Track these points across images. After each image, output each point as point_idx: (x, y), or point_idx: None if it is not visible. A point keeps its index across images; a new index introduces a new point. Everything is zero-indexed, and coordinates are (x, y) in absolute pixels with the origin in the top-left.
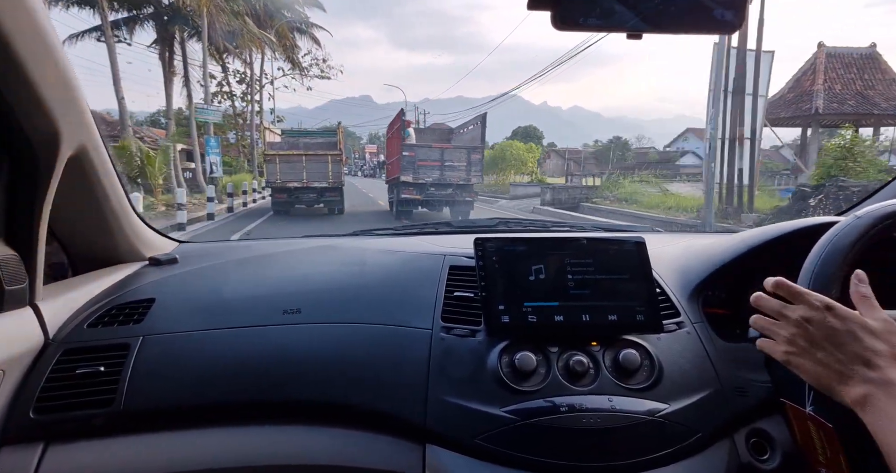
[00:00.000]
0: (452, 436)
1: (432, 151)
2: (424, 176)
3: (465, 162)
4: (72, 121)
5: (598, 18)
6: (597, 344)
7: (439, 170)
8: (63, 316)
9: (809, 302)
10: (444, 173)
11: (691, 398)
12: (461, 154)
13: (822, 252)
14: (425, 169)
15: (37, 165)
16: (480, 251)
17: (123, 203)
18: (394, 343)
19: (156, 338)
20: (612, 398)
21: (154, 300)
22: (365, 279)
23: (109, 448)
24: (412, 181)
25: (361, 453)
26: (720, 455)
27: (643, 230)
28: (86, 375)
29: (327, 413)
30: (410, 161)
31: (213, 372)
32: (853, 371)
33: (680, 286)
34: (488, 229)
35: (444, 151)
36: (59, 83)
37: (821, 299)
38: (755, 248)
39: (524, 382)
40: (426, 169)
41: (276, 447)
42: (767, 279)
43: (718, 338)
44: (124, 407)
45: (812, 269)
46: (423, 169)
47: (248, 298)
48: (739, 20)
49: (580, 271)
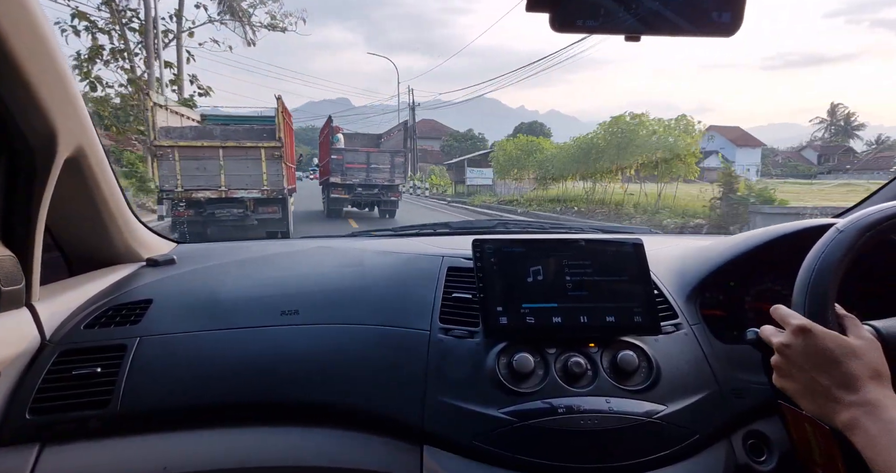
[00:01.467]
0: (450, 438)
1: (359, 154)
2: (352, 177)
3: (389, 164)
4: (69, 121)
5: (596, 20)
6: (595, 346)
7: (365, 172)
8: (60, 316)
9: (788, 326)
10: (371, 175)
11: (689, 399)
12: (386, 157)
13: (812, 269)
14: (353, 171)
15: (34, 166)
16: (479, 252)
17: (121, 204)
18: (392, 344)
19: (153, 339)
20: (609, 399)
21: (151, 301)
22: (363, 280)
23: (105, 449)
24: (340, 182)
25: (359, 455)
26: (717, 456)
27: (641, 231)
28: (82, 376)
29: (325, 414)
30: (339, 163)
31: (211, 373)
32: (836, 395)
33: (678, 287)
34: (487, 230)
35: (370, 155)
36: (57, 83)
37: (797, 324)
38: (752, 250)
39: (522, 383)
40: (354, 171)
41: (274, 448)
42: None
43: (716, 340)
44: (121, 409)
45: (806, 284)
46: (351, 171)
47: (245, 299)
48: (737, 22)
49: (578, 272)
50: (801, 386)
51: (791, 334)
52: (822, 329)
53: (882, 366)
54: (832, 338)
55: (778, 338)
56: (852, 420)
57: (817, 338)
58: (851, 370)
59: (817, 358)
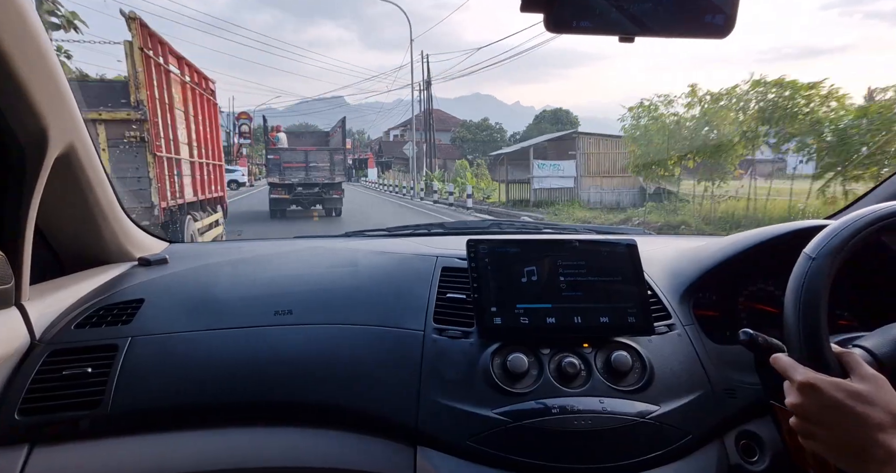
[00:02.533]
0: (444, 438)
1: (297, 154)
2: (291, 177)
3: (328, 163)
4: (60, 119)
5: (590, 21)
6: (588, 346)
7: (304, 171)
8: (50, 316)
9: (793, 383)
10: (310, 174)
11: (682, 400)
12: (325, 155)
13: (798, 301)
14: (291, 170)
15: (24, 164)
16: (473, 253)
17: (112, 203)
18: (386, 344)
19: (145, 339)
20: (603, 400)
21: (143, 301)
22: (357, 280)
23: (96, 450)
24: (279, 182)
25: (352, 455)
26: (710, 456)
27: (635, 232)
28: (73, 376)
29: (318, 414)
30: (276, 164)
31: (203, 373)
32: (866, 450)
33: (671, 288)
34: (481, 231)
35: (308, 153)
36: (47, 81)
37: (801, 381)
38: (745, 251)
39: (516, 384)
40: (292, 170)
41: (266, 449)
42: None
43: (709, 340)
44: (112, 409)
45: (797, 327)
46: (290, 170)
47: (238, 299)
48: (730, 24)
49: (572, 273)
50: (827, 446)
51: (799, 393)
52: (827, 381)
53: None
54: (840, 388)
55: (789, 398)
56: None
57: (825, 393)
58: (871, 421)
59: (832, 413)
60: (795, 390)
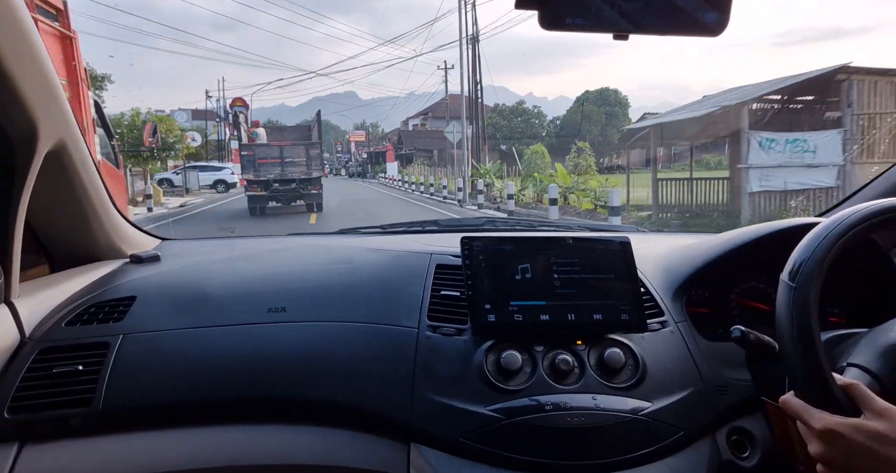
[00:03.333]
0: (438, 435)
1: (271, 149)
2: (266, 173)
3: (304, 157)
4: (50, 115)
5: (584, 19)
6: (582, 344)
7: (280, 167)
8: (40, 314)
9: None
10: (286, 169)
11: (674, 396)
12: (300, 150)
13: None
14: (266, 166)
15: (14, 160)
16: (467, 250)
17: (103, 199)
18: (380, 341)
19: (137, 337)
20: (596, 396)
21: (135, 298)
22: (351, 277)
23: (87, 448)
24: (255, 179)
25: (346, 452)
26: (702, 452)
27: (628, 230)
28: (63, 374)
29: (312, 412)
30: (250, 160)
31: (196, 370)
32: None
33: (664, 285)
34: (475, 228)
35: (282, 149)
36: (38, 76)
37: (821, 428)
38: (737, 248)
39: (510, 381)
40: (267, 166)
41: (260, 446)
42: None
43: (701, 337)
44: (103, 407)
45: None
46: (264, 166)
47: (231, 296)
48: (723, 22)
49: (566, 270)
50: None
51: (820, 441)
52: (848, 425)
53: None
54: (861, 431)
55: (812, 448)
56: None
57: (847, 438)
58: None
59: (859, 458)
60: (816, 438)
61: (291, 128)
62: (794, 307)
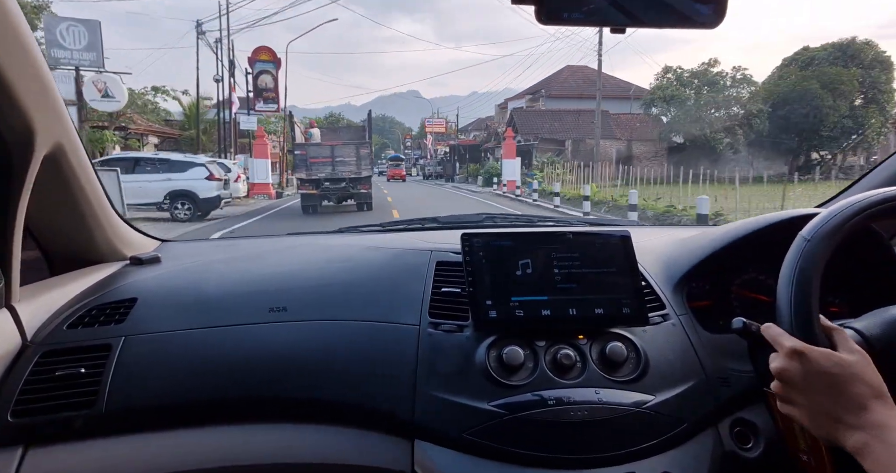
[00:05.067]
0: (441, 431)
1: (322, 149)
2: (317, 172)
3: (354, 157)
4: (47, 118)
5: (581, 13)
6: (584, 338)
7: (331, 166)
8: (41, 317)
9: (781, 348)
10: (336, 168)
11: (677, 389)
12: (350, 149)
13: (791, 278)
14: (317, 166)
15: (11, 163)
16: (467, 246)
17: (102, 201)
18: (381, 339)
19: (138, 338)
20: (598, 390)
21: (136, 300)
22: (351, 276)
23: (91, 450)
24: (306, 177)
25: (349, 450)
26: (705, 444)
27: (628, 224)
28: (66, 377)
29: (315, 410)
30: (302, 159)
31: (198, 371)
32: (843, 418)
33: (665, 278)
34: (475, 224)
35: (334, 148)
36: (34, 79)
37: (790, 346)
38: (738, 240)
39: (512, 376)
40: (318, 165)
41: (264, 446)
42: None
43: (702, 329)
44: (106, 409)
45: (789, 301)
46: (316, 166)
47: (232, 297)
48: (719, 16)
49: (567, 265)
50: (805, 411)
51: (786, 357)
52: (817, 350)
53: (881, 383)
54: (827, 358)
55: (774, 363)
56: (861, 444)
57: (812, 361)
58: (854, 391)
59: (816, 380)
60: (783, 356)
61: (346, 129)
62: (802, 255)
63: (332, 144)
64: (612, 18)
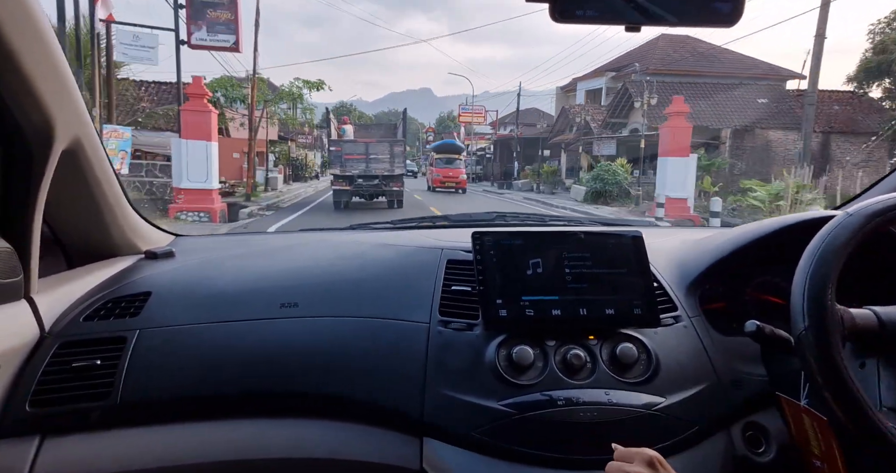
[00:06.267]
0: (450, 429)
1: (357, 146)
2: (351, 168)
3: (388, 154)
4: (66, 113)
5: (595, 11)
6: (594, 338)
7: (365, 163)
8: (59, 309)
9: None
10: (370, 165)
11: (688, 391)
12: (384, 147)
13: (816, 251)
14: (352, 162)
15: (31, 158)
16: (478, 245)
17: (119, 196)
18: (391, 336)
19: (153, 332)
20: (609, 391)
21: (150, 293)
22: (362, 272)
23: (106, 440)
24: (340, 173)
25: (359, 446)
26: (716, 447)
27: (640, 224)
28: (82, 368)
29: (325, 406)
30: (337, 155)
31: (210, 365)
32: None
33: (677, 280)
34: (486, 223)
35: (368, 145)
36: (53, 75)
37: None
38: (754, 242)
39: (521, 376)
40: (353, 162)
41: (274, 440)
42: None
43: (715, 332)
44: (121, 400)
45: (807, 269)
46: (350, 162)
47: (245, 292)
48: (738, 13)
49: (578, 265)
50: None
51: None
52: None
53: None
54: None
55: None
56: None
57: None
58: None
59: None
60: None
61: (377, 126)
62: (839, 226)
63: (367, 141)
64: (626, 16)
